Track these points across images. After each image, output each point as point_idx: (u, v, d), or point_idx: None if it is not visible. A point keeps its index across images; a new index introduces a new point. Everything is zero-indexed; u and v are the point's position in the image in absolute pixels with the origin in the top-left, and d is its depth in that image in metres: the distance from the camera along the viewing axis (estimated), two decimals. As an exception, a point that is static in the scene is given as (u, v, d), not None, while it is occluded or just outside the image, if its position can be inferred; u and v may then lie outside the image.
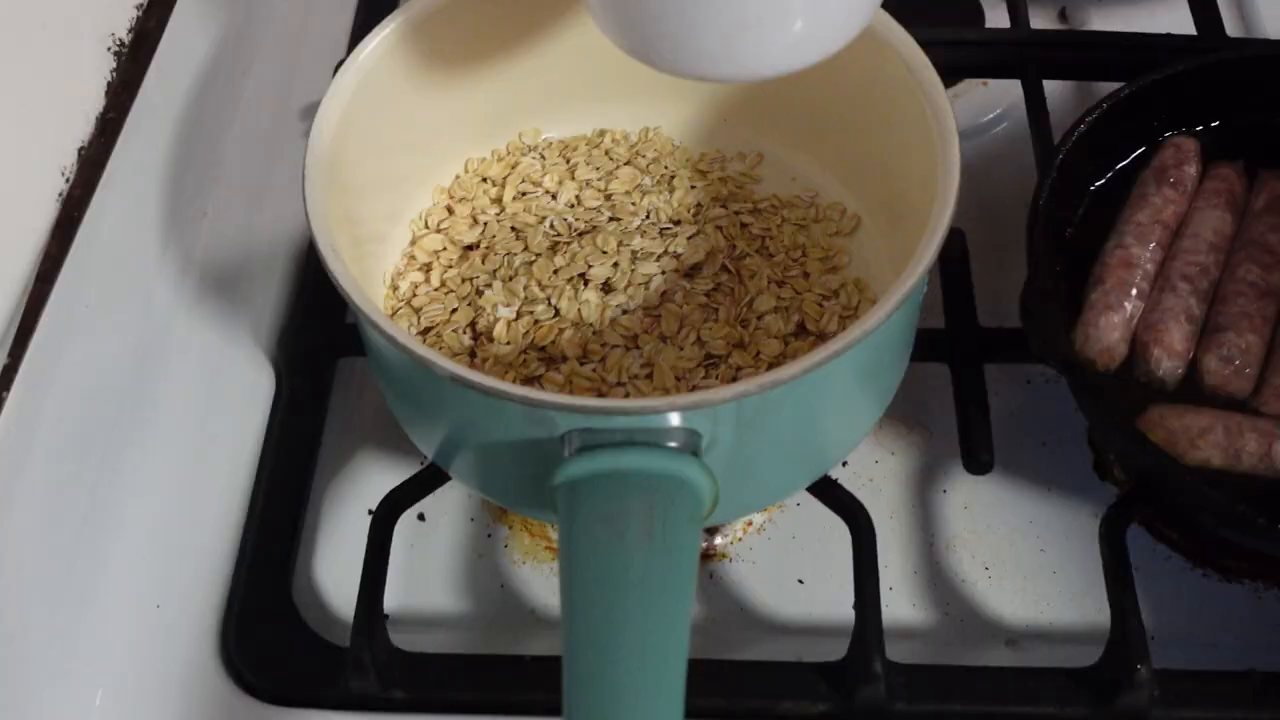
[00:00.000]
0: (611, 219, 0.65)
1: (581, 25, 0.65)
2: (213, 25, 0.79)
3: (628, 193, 0.67)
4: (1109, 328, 0.60)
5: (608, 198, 0.66)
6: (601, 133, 0.70)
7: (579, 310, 0.61)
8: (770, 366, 0.60)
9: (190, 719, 0.60)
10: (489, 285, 0.63)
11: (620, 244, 0.63)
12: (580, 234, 0.64)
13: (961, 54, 0.80)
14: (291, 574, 0.64)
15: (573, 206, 0.66)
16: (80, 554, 0.61)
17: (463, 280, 0.63)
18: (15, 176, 0.61)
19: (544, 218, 0.65)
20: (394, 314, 0.63)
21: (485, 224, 0.66)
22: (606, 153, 0.69)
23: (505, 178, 0.68)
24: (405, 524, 0.64)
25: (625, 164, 0.68)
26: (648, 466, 0.50)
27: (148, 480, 0.65)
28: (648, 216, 0.65)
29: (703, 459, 0.51)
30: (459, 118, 0.67)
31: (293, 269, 0.76)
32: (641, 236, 0.64)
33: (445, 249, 0.65)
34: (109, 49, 0.69)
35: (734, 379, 0.59)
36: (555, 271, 0.62)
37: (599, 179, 0.67)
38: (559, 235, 0.64)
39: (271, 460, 0.68)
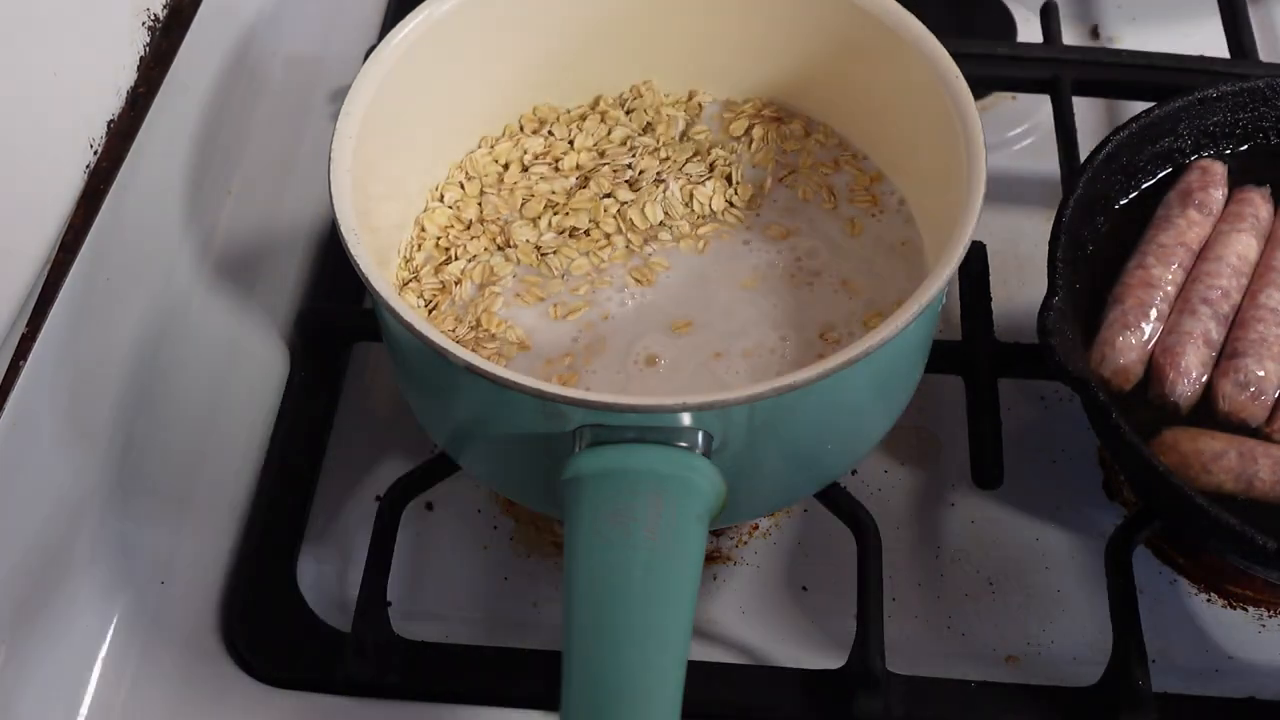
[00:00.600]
0: (607, 168, 0.67)
1: (596, 7, 0.66)
2: (246, 4, 0.79)
3: (622, 143, 0.68)
4: (1126, 348, 0.60)
5: (601, 154, 0.67)
6: (597, 99, 0.70)
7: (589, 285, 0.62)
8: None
9: (188, 696, 0.60)
10: (493, 255, 0.63)
11: (614, 182, 0.65)
12: (579, 190, 0.65)
13: (992, 67, 0.80)
14: (296, 556, 0.64)
15: (574, 170, 0.67)
16: (87, 526, 0.61)
17: (471, 256, 0.64)
18: (45, 146, 0.62)
19: (539, 184, 0.66)
20: (403, 286, 0.63)
21: (492, 200, 0.66)
22: (602, 116, 0.69)
23: (512, 154, 0.68)
24: (412, 512, 0.64)
25: (619, 124, 0.69)
26: (657, 465, 0.50)
27: (158, 455, 0.65)
28: (641, 152, 0.67)
29: (713, 460, 0.51)
30: (480, 101, 0.67)
31: (313, 251, 0.76)
32: (632, 169, 0.66)
33: (453, 225, 0.66)
34: (143, 23, 0.70)
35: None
36: (565, 232, 0.64)
37: (595, 142, 0.68)
38: (558, 200, 0.65)
39: (282, 442, 0.68)
